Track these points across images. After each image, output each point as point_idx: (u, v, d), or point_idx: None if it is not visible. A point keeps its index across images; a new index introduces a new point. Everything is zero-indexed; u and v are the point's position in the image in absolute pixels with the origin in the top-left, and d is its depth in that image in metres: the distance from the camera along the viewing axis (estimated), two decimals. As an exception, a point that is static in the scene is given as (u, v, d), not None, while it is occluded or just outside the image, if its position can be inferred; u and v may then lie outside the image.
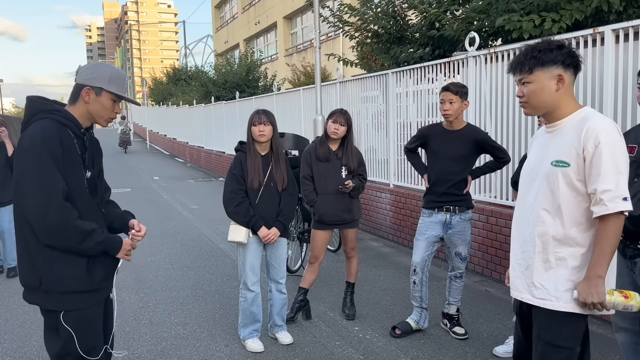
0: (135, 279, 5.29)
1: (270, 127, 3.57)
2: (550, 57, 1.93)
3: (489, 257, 5.21)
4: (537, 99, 1.97)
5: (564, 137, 1.96)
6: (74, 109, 2.20)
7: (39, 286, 2.12)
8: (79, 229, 2.05)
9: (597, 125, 1.88)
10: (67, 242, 2.07)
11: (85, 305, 2.18)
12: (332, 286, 5.00)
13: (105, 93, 2.20)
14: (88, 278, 2.17)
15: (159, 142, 28.05)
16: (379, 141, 7.37)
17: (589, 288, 1.87)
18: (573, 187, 1.92)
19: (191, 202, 10.41)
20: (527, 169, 2.13)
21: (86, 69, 2.23)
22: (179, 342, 3.77)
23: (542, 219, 1.99)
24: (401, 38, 7.60)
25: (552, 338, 1.96)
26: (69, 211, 2.03)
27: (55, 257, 2.10)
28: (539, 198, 2.00)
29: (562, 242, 1.97)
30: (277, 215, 3.62)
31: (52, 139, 2.05)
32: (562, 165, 1.92)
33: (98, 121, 2.25)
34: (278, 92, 11.49)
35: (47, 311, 2.19)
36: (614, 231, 1.87)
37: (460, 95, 3.54)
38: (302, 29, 24.46)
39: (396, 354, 3.55)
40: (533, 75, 1.96)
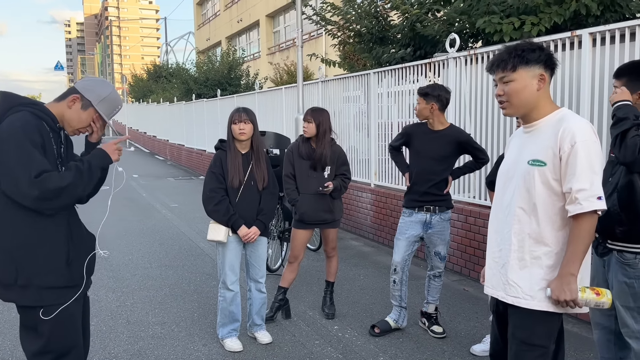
0: (112, 278, 5.21)
1: (251, 126, 3.54)
2: (533, 56, 1.95)
3: (467, 256, 5.26)
4: (519, 98, 1.97)
5: (541, 136, 1.98)
6: (54, 107, 2.20)
7: (14, 282, 2.08)
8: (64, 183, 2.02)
9: (574, 125, 1.91)
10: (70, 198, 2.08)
11: (64, 300, 2.15)
12: (312, 285, 5.00)
13: (91, 109, 2.23)
14: (68, 273, 2.16)
15: (138, 140, 27.70)
16: (361, 141, 7.39)
17: (561, 285, 1.90)
18: (549, 186, 1.94)
19: (171, 200, 10.30)
20: (504, 168, 2.15)
21: (90, 81, 2.28)
22: (156, 342, 3.72)
23: (519, 218, 2.01)
24: (383, 38, 7.63)
25: (526, 336, 1.99)
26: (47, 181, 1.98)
27: (33, 251, 2.09)
28: (515, 197, 2.02)
29: (538, 241, 1.99)
30: (258, 214, 3.60)
31: (32, 127, 2.05)
32: (539, 164, 1.94)
33: (66, 127, 2.25)
34: (260, 91, 11.44)
35: (25, 308, 2.15)
36: (587, 230, 1.90)
37: (424, 97, 3.62)
38: (284, 27, 24.39)
39: (375, 353, 3.56)
40: (516, 73, 1.96)
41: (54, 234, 2.13)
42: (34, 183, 1.97)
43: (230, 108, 12.97)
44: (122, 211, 8.93)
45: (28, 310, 2.15)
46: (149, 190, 11.73)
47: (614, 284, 2.61)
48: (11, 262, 2.07)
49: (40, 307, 2.12)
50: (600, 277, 2.65)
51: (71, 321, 2.21)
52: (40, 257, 2.09)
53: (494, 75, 2.06)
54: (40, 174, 1.98)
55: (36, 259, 2.08)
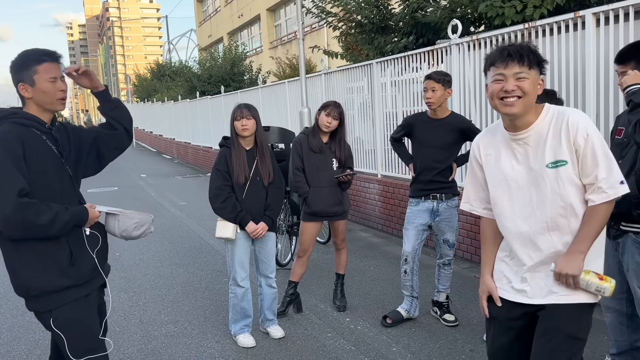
0: (124, 278, 5.25)
1: (253, 121, 3.54)
2: (539, 59, 1.89)
3: (477, 243, 5.23)
4: (530, 98, 1.87)
5: (545, 138, 1.92)
6: (28, 109, 2.17)
7: (27, 294, 2.13)
8: (41, 223, 2.00)
9: (578, 118, 1.88)
10: (34, 235, 2.05)
11: (71, 299, 2.16)
12: (322, 278, 5.00)
13: (36, 78, 2.11)
14: (74, 272, 2.16)
15: (145, 139, 27.80)
16: (366, 132, 7.36)
17: (567, 260, 1.89)
18: (574, 183, 1.91)
19: (179, 198, 10.34)
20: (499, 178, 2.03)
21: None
22: (169, 340, 3.75)
23: (557, 224, 1.94)
24: (384, 27, 7.58)
25: (573, 330, 1.94)
26: (26, 208, 1.97)
27: (34, 262, 2.09)
28: (545, 205, 1.93)
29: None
30: (265, 210, 3.61)
31: (10, 139, 2.02)
32: (562, 164, 1.89)
33: (51, 108, 2.18)
34: (263, 86, 11.42)
35: (40, 314, 2.19)
36: (604, 215, 1.89)
37: (442, 83, 3.53)
38: (285, 20, 24.29)
39: (387, 344, 3.56)
40: (532, 71, 1.87)
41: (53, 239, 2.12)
42: (14, 201, 1.94)
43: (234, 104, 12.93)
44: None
45: (44, 315, 2.17)
46: (158, 190, 11.78)
47: (631, 264, 2.58)
48: (17, 276, 2.11)
49: (51, 311, 2.14)
50: (611, 260, 2.62)
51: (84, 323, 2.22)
52: (41, 264, 2.10)
53: (504, 68, 1.86)
54: (20, 193, 1.96)
55: (37, 267, 2.09)
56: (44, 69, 2.11)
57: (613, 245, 2.65)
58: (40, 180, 2.07)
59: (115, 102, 2.40)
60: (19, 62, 2.13)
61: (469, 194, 2.21)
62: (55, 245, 2.13)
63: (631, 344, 2.81)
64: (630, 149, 2.57)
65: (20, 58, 2.14)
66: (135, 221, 2.37)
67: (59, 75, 2.16)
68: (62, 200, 2.15)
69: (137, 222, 2.37)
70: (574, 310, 1.95)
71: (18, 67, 2.13)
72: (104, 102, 2.37)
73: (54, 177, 2.14)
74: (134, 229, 2.36)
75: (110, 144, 2.39)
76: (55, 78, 2.14)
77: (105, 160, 2.43)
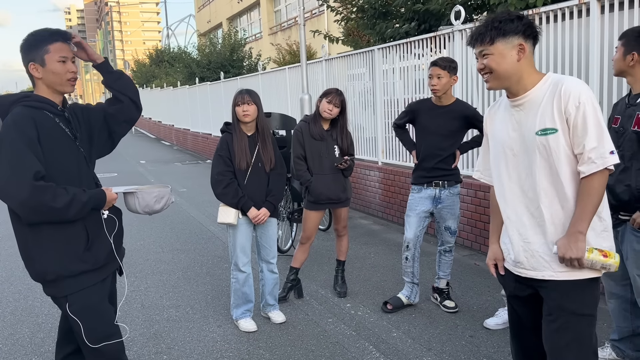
0: (125, 263, 5.19)
1: (255, 107, 3.52)
2: (511, 27, 1.90)
3: (477, 231, 5.25)
4: (500, 70, 1.92)
5: (538, 105, 1.92)
6: (39, 91, 2.15)
7: (43, 279, 2.13)
8: (58, 206, 2.00)
9: (573, 86, 1.86)
10: (51, 219, 2.04)
11: (90, 283, 2.16)
12: (322, 265, 5.02)
13: (46, 58, 2.10)
14: (90, 257, 2.16)
15: (144, 126, 27.72)
16: (367, 119, 7.34)
17: (568, 243, 1.86)
18: (564, 152, 1.89)
19: (179, 185, 10.34)
20: (499, 147, 2.05)
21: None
22: (171, 325, 3.77)
23: (545, 192, 1.94)
24: (386, 13, 7.52)
25: (576, 307, 1.93)
26: (43, 192, 1.97)
27: (49, 246, 2.09)
28: (535, 173, 1.94)
29: (570, 210, 1.93)
30: (266, 196, 3.61)
31: (24, 123, 2.01)
32: (551, 131, 1.88)
33: (61, 89, 2.16)
34: (264, 72, 11.36)
35: (58, 299, 2.19)
36: (598, 188, 1.85)
37: (448, 70, 3.51)
38: (285, 6, 24.07)
39: (388, 329, 3.59)
40: (494, 46, 1.91)
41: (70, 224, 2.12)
42: (30, 185, 1.94)
43: (234, 90, 12.85)
44: (132, 197, 8.98)
45: (61, 300, 2.17)
46: (157, 176, 11.78)
47: (630, 253, 2.60)
48: (33, 261, 2.11)
49: (67, 296, 2.15)
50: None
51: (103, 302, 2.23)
52: (58, 249, 2.09)
53: (474, 50, 2.00)
54: (36, 176, 1.96)
55: (54, 252, 2.09)
56: (55, 49, 2.10)
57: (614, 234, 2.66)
58: (55, 163, 2.07)
59: (118, 74, 2.37)
60: (30, 41, 2.11)
61: (479, 162, 2.26)
62: (72, 229, 2.12)
63: (634, 330, 2.83)
64: (626, 138, 2.57)
65: (32, 37, 2.12)
66: (155, 195, 2.37)
67: (69, 56, 2.14)
68: (79, 182, 2.15)
69: (157, 195, 2.37)
70: (576, 287, 1.93)
71: (29, 47, 2.11)
72: (106, 74, 2.34)
73: (69, 160, 2.14)
74: (155, 202, 2.37)
75: (119, 118, 2.36)
76: (66, 58, 2.12)
77: (117, 136, 2.42)
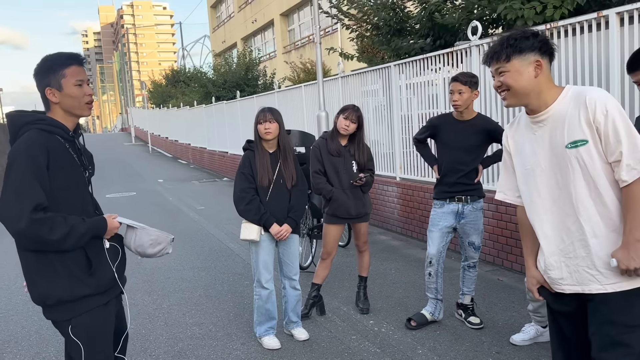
0: (147, 282, 5.30)
1: (276, 125, 3.57)
2: (527, 44, 1.91)
3: (499, 245, 5.20)
4: (518, 86, 1.93)
5: (564, 118, 1.91)
6: (53, 115, 2.13)
7: (44, 303, 2.09)
8: (54, 238, 1.96)
9: (597, 95, 1.85)
10: (47, 248, 2.01)
11: (89, 307, 2.12)
12: (343, 281, 5.01)
13: (63, 82, 2.08)
14: (94, 281, 2.12)
15: (161, 145, 28.06)
16: (383, 134, 7.36)
17: (629, 253, 1.82)
18: (597, 162, 1.88)
19: (197, 203, 10.41)
20: (525, 164, 2.04)
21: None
22: (195, 342, 3.78)
23: (583, 205, 1.91)
24: (401, 30, 7.59)
25: (629, 319, 1.88)
26: (40, 225, 1.94)
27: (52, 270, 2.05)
28: (569, 187, 1.92)
29: (610, 219, 1.90)
30: (288, 212, 3.63)
31: (35, 148, 1.98)
32: (582, 143, 1.87)
33: (79, 113, 2.14)
34: (279, 90, 11.47)
35: (58, 323, 2.14)
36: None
37: (469, 86, 3.52)
38: (299, 25, 24.40)
39: (413, 346, 3.55)
40: (510, 63, 1.93)
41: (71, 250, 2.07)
42: (28, 217, 1.91)
43: (250, 109, 13.10)
44: (151, 216, 9.08)
45: (62, 324, 2.12)
46: (175, 194, 11.88)
47: None
48: (35, 284, 2.07)
49: (69, 320, 2.10)
50: None
51: (102, 332, 2.17)
52: (60, 273, 2.05)
53: (490, 68, 2.02)
54: (36, 209, 1.92)
55: (56, 276, 2.05)
56: (71, 73, 2.09)
57: None
58: (62, 190, 2.04)
59: None
60: (46, 66, 2.09)
61: (502, 183, 2.24)
62: (74, 255, 2.08)
63: None
64: None
65: (46, 62, 2.10)
66: (152, 238, 2.31)
67: (85, 79, 2.13)
68: (81, 209, 2.13)
69: (154, 239, 2.32)
70: (626, 298, 1.89)
71: (45, 72, 2.09)
72: None
73: (75, 187, 2.11)
74: (149, 245, 2.31)
75: None
76: (82, 81, 2.11)
77: None
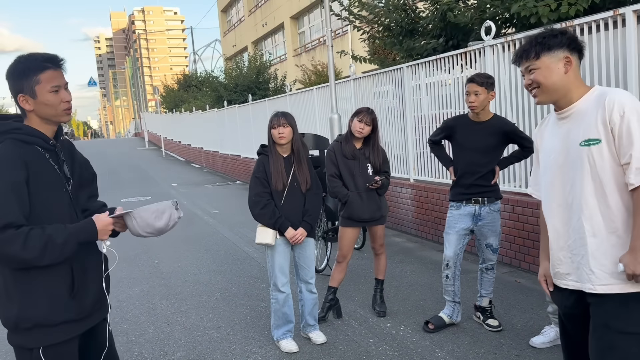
0: (164, 285, 5.34)
1: (290, 129, 3.58)
2: (555, 41, 1.94)
3: (517, 247, 5.16)
4: (548, 83, 1.95)
5: (584, 116, 1.92)
6: (30, 122, 1.91)
7: (15, 327, 1.87)
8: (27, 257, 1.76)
9: (618, 96, 1.86)
10: (24, 266, 1.81)
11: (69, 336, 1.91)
12: (359, 284, 5.00)
13: (37, 89, 1.85)
14: (75, 305, 1.92)
15: (174, 149, 28.27)
16: (396, 136, 7.35)
17: (635, 259, 1.81)
18: (608, 163, 1.87)
19: (211, 206, 10.46)
20: (548, 160, 2.06)
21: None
22: (214, 346, 3.80)
23: (587, 203, 1.92)
24: (413, 30, 7.56)
25: (623, 325, 1.87)
26: (10, 243, 1.73)
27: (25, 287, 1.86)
28: (577, 184, 1.94)
29: (612, 221, 1.90)
30: (303, 216, 3.63)
31: (12, 163, 1.79)
32: (594, 142, 1.88)
33: (56, 120, 1.93)
34: (291, 93, 11.50)
35: (23, 350, 1.89)
36: None
37: (486, 87, 3.50)
38: (309, 27, 24.45)
39: (431, 349, 3.53)
40: (540, 60, 1.95)
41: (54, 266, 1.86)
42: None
43: (262, 112, 13.15)
44: (166, 220, 9.14)
45: (26, 352, 1.88)
46: (189, 198, 11.96)
47: None
48: (11, 303, 1.85)
49: (40, 348, 1.87)
50: None
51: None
52: (39, 294, 1.85)
53: (520, 67, 2.04)
54: (5, 228, 1.73)
55: (34, 298, 1.85)
56: (46, 78, 1.85)
57: None
58: (43, 203, 1.86)
59: None
60: (18, 70, 1.86)
61: (532, 178, 2.26)
62: (57, 271, 1.88)
63: None
64: None
65: (19, 65, 1.86)
66: (153, 210, 2.05)
67: (62, 84, 1.90)
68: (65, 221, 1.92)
69: (155, 210, 2.05)
70: (624, 303, 1.88)
71: (17, 76, 1.86)
72: None
73: (56, 199, 1.91)
74: (155, 218, 2.03)
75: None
76: (59, 87, 1.88)
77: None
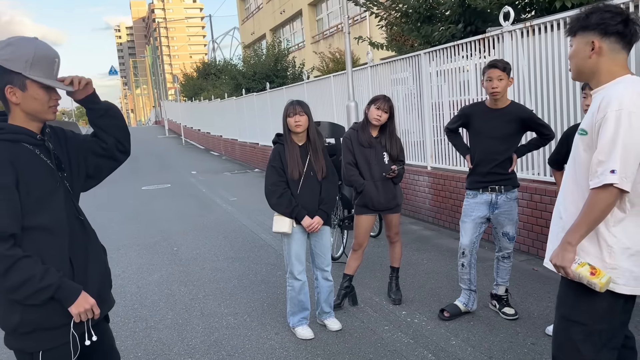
0: (183, 272, 5.44)
1: (306, 117, 3.59)
2: (588, 22, 1.89)
3: (534, 235, 5.11)
4: (573, 63, 1.97)
5: (593, 104, 1.93)
6: (14, 119, 1.81)
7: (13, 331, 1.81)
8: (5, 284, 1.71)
9: (614, 94, 1.80)
10: None
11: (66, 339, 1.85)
12: (375, 271, 5.02)
13: (30, 83, 1.76)
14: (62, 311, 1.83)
15: (193, 137, 28.52)
16: (413, 123, 7.29)
17: (557, 251, 1.89)
18: (586, 155, 1.89)
19: (230, 194, 10.57)
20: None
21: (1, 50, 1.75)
22: (231, 332, 3.87)
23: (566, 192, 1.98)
24: (431, 16, 7.46)
25: (567, 311, 1.94)
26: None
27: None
28: (569, 167, 2.01)
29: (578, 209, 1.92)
30: (319, 204, 3.65)
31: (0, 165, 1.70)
32: (582, 133, 1.91)
33: (42, 117, 1.83)
34: (308, 81, 11.48)
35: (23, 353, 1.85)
36: (598, 204, 1.79)
37: (507, 72, 3.45)
38: (327, 14, 24.27)
39: (446, 337, 3.54)
40: (575, 39, 1.95)
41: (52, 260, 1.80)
42: None
43: (280, 100, 13.16)
44: (186, 207, 9.27)
45: (26, 356, 1.84)
46: (208, 186, 12.09)
47: None
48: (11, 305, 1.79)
49: (40, 352, 1.82)
50: None
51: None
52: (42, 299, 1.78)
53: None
54: None
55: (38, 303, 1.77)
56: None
57: None
58: (38, 202, 1.78)
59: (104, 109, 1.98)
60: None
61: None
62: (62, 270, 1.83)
63: None
64: None
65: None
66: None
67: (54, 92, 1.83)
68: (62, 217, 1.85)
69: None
70: (568, 289, 1.94)
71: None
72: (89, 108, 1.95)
73: (52, 194, 1.83)
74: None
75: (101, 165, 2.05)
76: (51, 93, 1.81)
77: (99, 174, 2.07)
